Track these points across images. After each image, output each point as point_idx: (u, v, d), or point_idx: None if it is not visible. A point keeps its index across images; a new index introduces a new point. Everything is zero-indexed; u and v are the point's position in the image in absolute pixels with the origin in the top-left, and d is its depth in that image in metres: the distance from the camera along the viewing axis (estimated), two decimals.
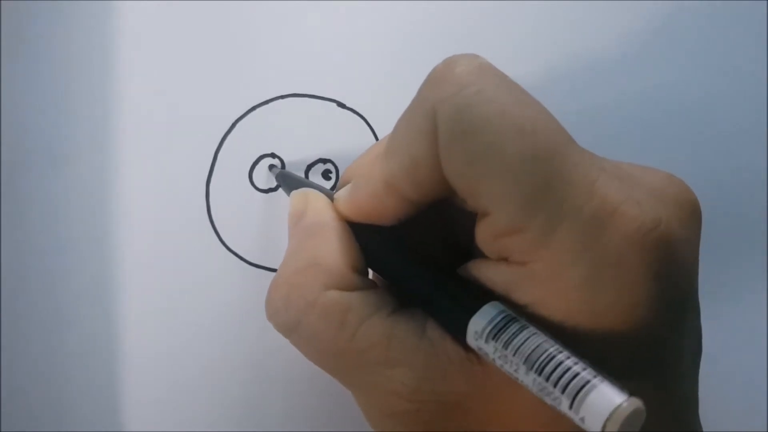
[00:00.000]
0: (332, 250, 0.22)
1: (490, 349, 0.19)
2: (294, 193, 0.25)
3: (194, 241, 0.29)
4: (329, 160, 0.30)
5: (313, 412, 0.29)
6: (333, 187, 0.30)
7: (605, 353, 0.19)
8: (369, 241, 0.23)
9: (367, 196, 0.22)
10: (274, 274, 0.29)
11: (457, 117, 0.19)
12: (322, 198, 0.24)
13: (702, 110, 0.33)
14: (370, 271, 0.24)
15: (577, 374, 0.17)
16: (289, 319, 0.22)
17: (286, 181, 0.28)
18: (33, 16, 0.29)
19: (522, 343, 0.18)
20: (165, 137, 0.29)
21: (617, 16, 0.32)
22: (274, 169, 0.29)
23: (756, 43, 0.33)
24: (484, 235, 0.20)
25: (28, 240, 0.28)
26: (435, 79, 0.21)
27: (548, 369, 0.18)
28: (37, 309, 0.28)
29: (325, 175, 0.30)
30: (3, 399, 0.28)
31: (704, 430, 0.22)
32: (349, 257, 0.23)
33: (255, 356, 0.29)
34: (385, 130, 0.30)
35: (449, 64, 0.21)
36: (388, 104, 0.30)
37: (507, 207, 0.19)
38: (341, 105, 0.30)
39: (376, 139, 0.31)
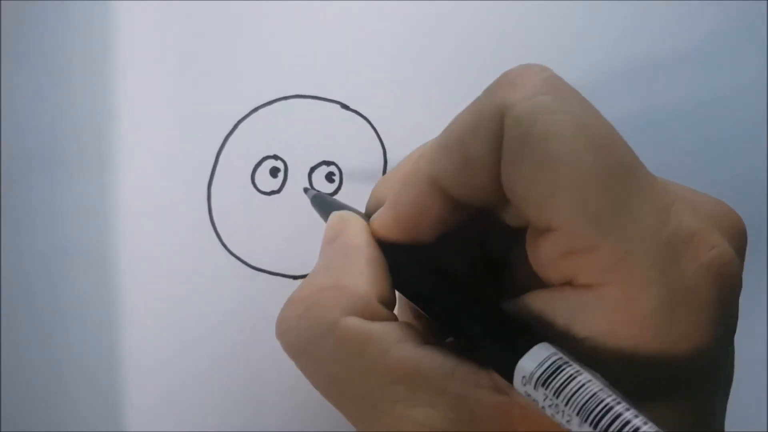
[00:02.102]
0: (360, 275, 0.21)
1: (539, 397, 0.18)
2: (334, 213, 0.24)
3: (195, 244, 0.29)
4: (333, 163, 0.30)
5: (315, 416, 0.29)
6: (336, 191, 0.30)
7: (663, 376, 0.18)
8: (406, 266, 0.22)
9: (410, 200, 0.21)
10: (275, 277, 0.29)
11: (530, 121, 0.18)
12: (360, 221, 0.23)
13: (701, 112, 0.33)
14: (403, 299, 0.23)
15: (637, 429, 0.16)
16: (302, 339, 0.21)
17: (323, 204, 0.26)
18: (33, 16, 0.29)
19: (576, 391, 0.17)
20: (166, 138, 0.29)
21: (618, 19, 0.32)
22: (310, 192, 0.28)
23: (756, 43, 0.33)
24: (547, 253, 0.19)
25: (29, 243, 0.28)
26: (506, 82, 0.20)
27: (605, 422, 0.16)
28: (37, 311, 0.28)
29: (329, 177, 0.30)
30: (3, 399, 0.28)
31: None
32: (377, 286, 0.21)
33: (256, 359, 0.29)
34: (388, 131, 0.30)
35: (523, 69, 0.20)
36: (392, 106, 0.30)
37: (578, 221, 0.18)
38: (345, 107, 0.30)
39: (380, 141, 0.30)
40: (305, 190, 0.29)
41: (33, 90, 0.29)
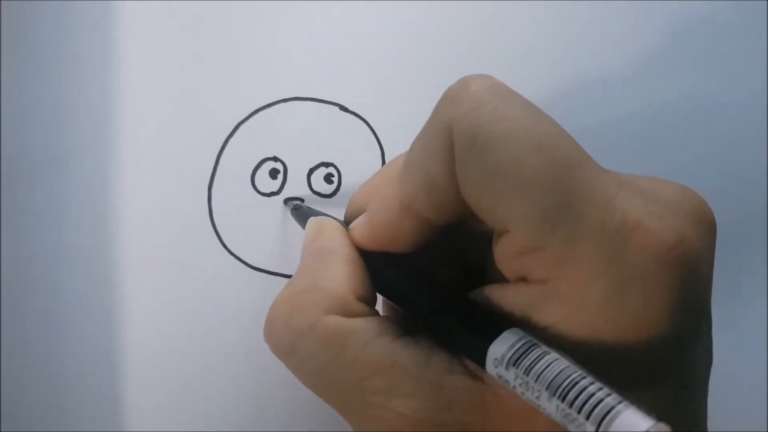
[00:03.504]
0: (337, 275, 0.22)
1: (510, 377, 0.18)
2: (311, 219, 0.25)
3: (196, 245, 0.29)
4: (331, 164, 0.30)
5: (316, 414, 0.29)
6: (335, 192, 0.30)
7: (624, 364, 0.19)
8: (383, 268, 0.23)
9: (384, 220, 0.22)
10: (275, 277, 0.29)
11: (473, 133, 0.19)
12: (336, 225, 0.24)
13: (701, 112, 0.33)
14: (383, 300, 0.24)
15: (601, 400, 0.17)
16: (287, 340, 0.22)
17: (301, 214, 0.27)
18: (33, 16, 0.29)
19: (544, 369, 0.18)
20: (167, 140, 0.29)
21: (618, 20, 0.32)
22: (289, 203, 0.29)
23: (756, 43, 0.33)
24: (503, 253, 0.20)
25: (29, 244, 0.28)
26: (450, 98, 0.20)
27: (572, 395, 0.17)
28: (38, 311, 0.28)
29: (327, 179, 0.30)
30: (3, 399, 0.28)
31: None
32: (354, 284, 0.22)
33: (256, 359, 0.29)
34: (387, 133, 0.30)
35: (463, 83, 0.20)
36: (391, 108, 0.30)
37: (526, 223, 0.19)
38: (344, 108, 0.30)
39: (379, 142, 0.30)
40: (285, 201, 0.30)
41: (33, 91, 0.29)
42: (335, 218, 0.25)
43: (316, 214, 0.26)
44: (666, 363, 0.20)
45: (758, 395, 0.32)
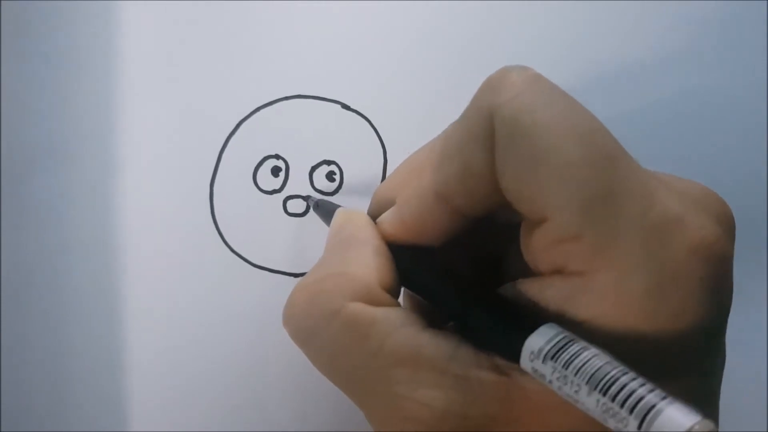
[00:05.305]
0: (364, 263, 0.22)
1: (547, 370, 0.18)
2: (339, 209, 0.25)
3: (198, 242, 0.29)
4: (333, 162, 0.30)
5: (319, 413, 0.29)
6: (337, 190, 0.30)
7: (656, 356, 0.19)
8: (411, 261, 0.23)
9: (416, 211, 0.22)
10: (277, 275, 0.29)
11: (516, 120, 0.19)
12: (365, 217, 0.24)
13: (701, 112, 0.33)
14: (405, 296, 0.24)
15: (643, 396, 0.17)
16: (307, 325, 0.22)
17: (325, 208, 0.27)
18: (33, 16, 0.29)
19: (584, 363, 0.18)
20: (169, 138, 0.29)
21: (618, 20, 0.32)
22: (311, 200, 0.29)
23: (756, 43, 0.33)
24: (538, 243, 0.20)
25: (31, 241, 0.28)
26: (491, 86, 0.20)
27: (614, 389, 0.17)
28: (39, 309, 0.28)
29: (329, 176, 0.30)
30: (3, 399, 0.28)
31: None
32: (380, 274, 0.22)
33: (258, 357, 0.29)
34: (389, 131, 0.31)
35: (504, 72, 0.20)
36: (393, 106, 0.30)
37: (566, 211, 0.19)
38: (345, 107, 0.30)
39: (380, 140, 0.31)
40: (305, 198, 0.30)
41: (36, 87, 0.29)
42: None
43: (340, 206, 0.26)
44: (695, 356, 0.20)
45: (758, 395, 0.32)
